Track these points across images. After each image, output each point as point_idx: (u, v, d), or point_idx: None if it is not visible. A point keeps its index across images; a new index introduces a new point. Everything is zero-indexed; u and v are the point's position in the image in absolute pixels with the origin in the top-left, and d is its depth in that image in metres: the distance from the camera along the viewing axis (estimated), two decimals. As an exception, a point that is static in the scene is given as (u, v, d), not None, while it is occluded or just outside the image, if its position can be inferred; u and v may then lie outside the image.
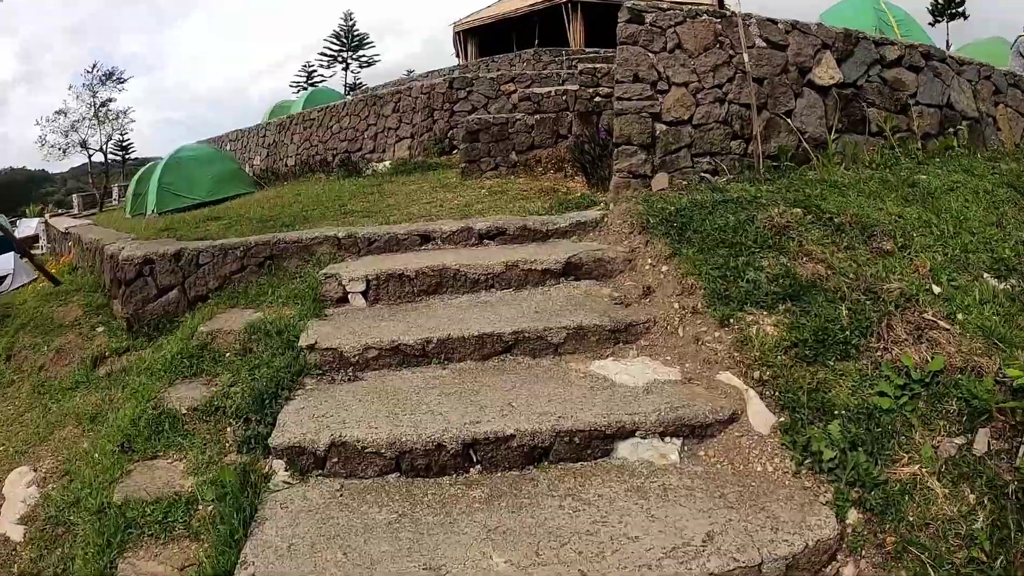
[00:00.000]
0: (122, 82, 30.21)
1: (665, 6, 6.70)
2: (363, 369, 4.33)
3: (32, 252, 26.74)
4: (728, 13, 7.05)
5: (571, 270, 5.16)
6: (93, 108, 28.51)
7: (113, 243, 8.73)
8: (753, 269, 4.54)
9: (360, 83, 48.74)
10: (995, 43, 16.50)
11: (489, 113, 13.44)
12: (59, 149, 29.00)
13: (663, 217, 5.32)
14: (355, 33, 50.90)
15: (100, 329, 7.75)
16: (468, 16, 29.58)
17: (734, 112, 6.83)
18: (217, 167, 16.51)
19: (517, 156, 10.08)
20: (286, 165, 18.59)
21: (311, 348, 4.44)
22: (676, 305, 4.56)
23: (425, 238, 6.00)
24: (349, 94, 38.54)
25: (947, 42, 32.40)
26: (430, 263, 5.15)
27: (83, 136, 28.54)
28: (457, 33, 29.84)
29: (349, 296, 5.22)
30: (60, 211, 40.06)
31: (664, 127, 6.43)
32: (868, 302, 4.16)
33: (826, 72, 7.48)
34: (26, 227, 36.09)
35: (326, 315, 5.08)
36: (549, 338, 4.29)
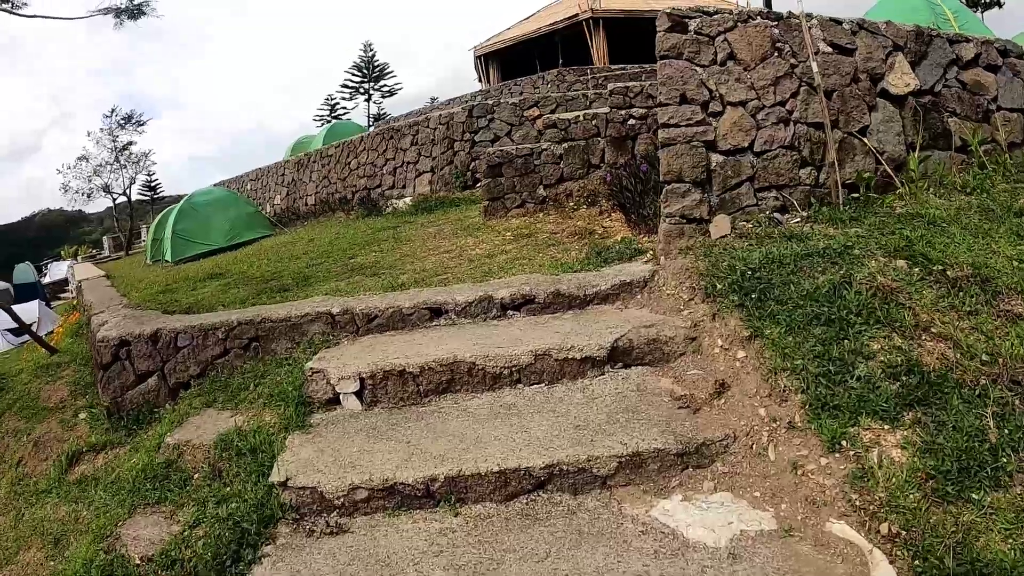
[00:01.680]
0: (141, 124, 29.91)
1: (711, 9, 5.59)
2: (350, 514, 3.26)
3: (61, 296, 26.46)
4: (785, 14, 5.93)
5: (618, 356, 4.05)
6: (114, 152, 28.21)
7: (100, 313, 7.86)
8: (863, 358, 3.39)
9: (384, 113, 48.27)
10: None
11: (512, 142, 12.42)
12: (83, 195, 28.77)
13: (733, 280, 4.19)
14: (376, 63, 50.53)
15: (83, 416, 6.89)
16: (489, 40, 28.71)
17: (801, 134, 5.68)
18: (233, 211, 15.77)
19: (545, 191, 9.02)
20: (306, 204, 17.81)
21: (284, 485, 3.40)
22: (762, 412, 3.41)
23: (436, 311, 4.93)
24: (372, 125, 38.01)
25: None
26: (439, 355, 4.07)
27: (105, 180, 28.25)
28: (478, 57, 28.97)
29: (340, 397, 4.18)
30: (93, 251, 40.14)
31: (720, 158, 5.29)
32: (1016, 400, 3.04)
33: (900, 79, 6.30)
34: (57, 271, 36.14)
35: (311, 425, 4.04)
36: (595, 470, 3.17)
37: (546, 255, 6.39)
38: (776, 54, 5.70)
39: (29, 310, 24.58)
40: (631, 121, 8.87)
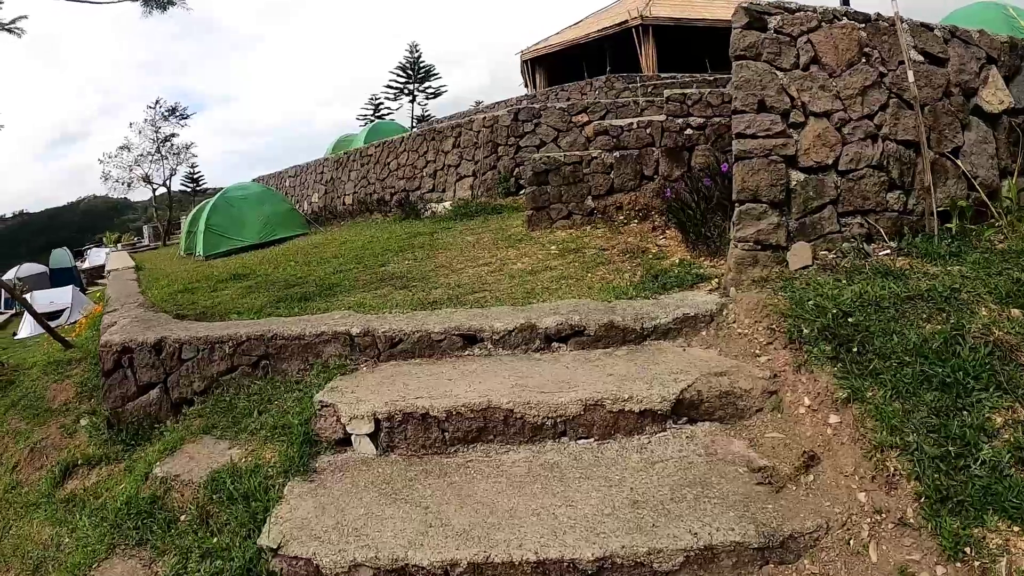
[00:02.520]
0: (185, 118, 29.82)
1: (792, 5, 4.90)
2: (351, 597, 2.64)
3: (98, 282, 26.51)
4: (873, 16, 5.22)
5: (683, 409, 3.37)
6: (156, 143, 28.13)
7: (112, 311, 7.40)
8: (986, 435, 2.70)
9: (428, 115, 47.80)
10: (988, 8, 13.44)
11: (559, 148, 11.77)
12: (123, 184, 28.76)
13: (823, 324, 3.48)
14: (421, 65, 49.99)
15: (83, 423, 6.41)
16: (536, 44, 28.06)
17: (890, 152, 4.96)
18: (268, 208, 15.36)
19: (594, 202, 8.35)
20: (343, 203, 17.36)
21: (275, 552, 2.79)
22: (862, 499, 2.72)
23: (469, 339, 4.29)
24: (415, 126, 37.66)
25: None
26: (470, 398, 3.43)
27: (146, 171, 28.18)
28: (525, 62, 28.33)
29: (352, 439, 3.57)
30: (135, 239, 40.31)
31: (801, 176, 4.58)
32: None
33: (994, 95, 5.56)
34: (96, 257, 36.34)
35: (315, 470, 3.44)
36: (656, 565, 2.50)
37: (595, 275, 5.73)
38: (864, 60, 4.99)
39: (62, 295, 24.66)
40: (688, 131, 8.16)
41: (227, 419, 4.42)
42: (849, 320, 3.46)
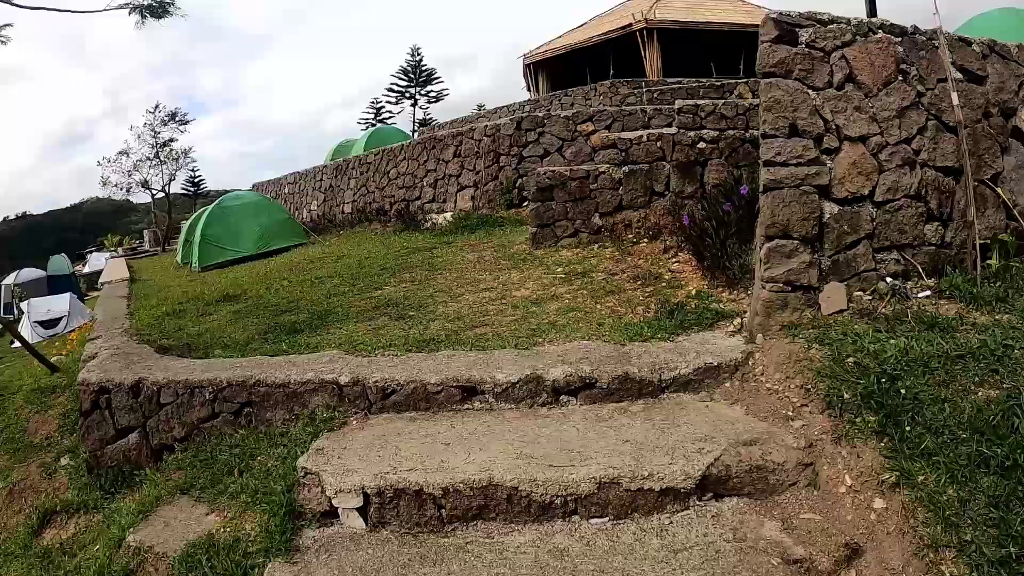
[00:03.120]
0: (185, 123, 29.49)
1: (825, 17, 4.51)
2: None
3: (98, 288, 26.25)
4: (910, 29, 4.84)
5: (709, 484, 3.01)
6: (155, 148, 27.81)
7: (95, 338, 7.05)
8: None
9: (430, 119, 47.34)
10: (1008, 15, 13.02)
11: (564, 159, 11.40)
12: (121, 189, 28.46)
13: (866, 388, 3.11)
14: (422, 68, 49.56)
15: (64, 462, 6.11)
16: (538, 47, 27.57)
17: (928, 180, 4.58)
18: (265, 217, 15.01)
19: (601, 219, 7.99)
20: (343, 212, 17.00)
21: (246, 665, 2.43)
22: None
23: (469, 391, 3.92)
24: (417, 131, 37.28)
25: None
26: (469, 474, 3.06)
27: (144, 176, 27.87)
28: (527, 66, 27.85)
29: (339, 511, 3.21)
30: (136, 242, 39.97)
31: (835, 208, 4.20)
32: None
33: (1033, 114, 5.22)
34: (96, 261, 36.05)
35: (299, 549, 3.08)
36: None
37: (605, 306, 5.37)
38: (901, 78, 4.61)
39: (60, 303, 24.38)
40: (701, 144, 7.80)
41: (207, 475, 4.06)
42: (894, 383, 3.09)
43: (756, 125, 7.73)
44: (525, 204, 11.44)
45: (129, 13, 8.81)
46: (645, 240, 7.55)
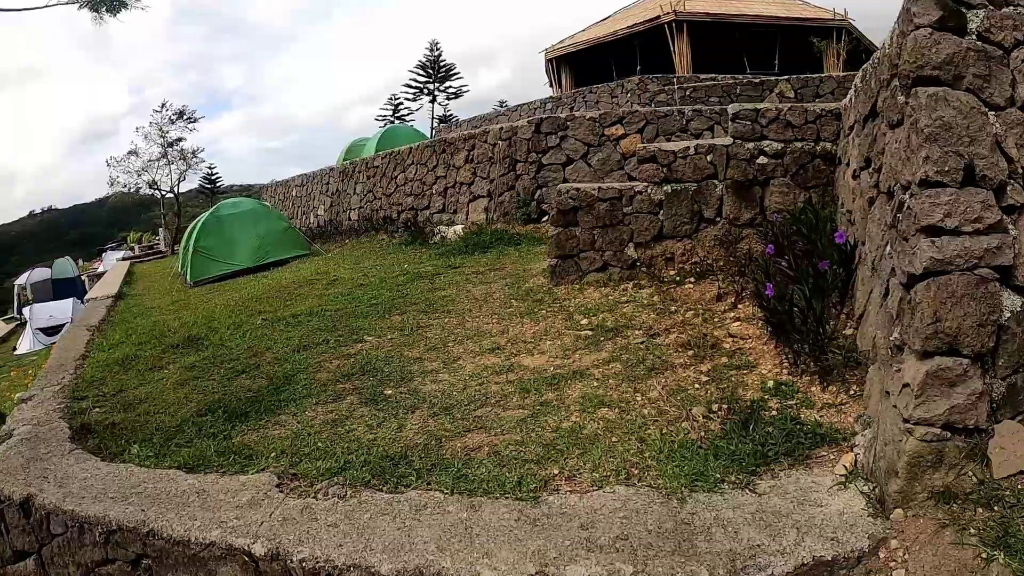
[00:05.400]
0: (193, 121, 28.29)
1: None
2: None
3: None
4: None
5: None
6: (163, 147, 26.67)
7: (24, 401, 5.69)
8: None
9: (450, 115, 45.74)
10: None
11: (589, 166, 9.92)
12: (130, 189, 27.40)
13: None
14: (442, 63, 47.85)
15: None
16: (561, 42, 25.91)
17: None
18: (263, 227, 13.71)
19: (636, 251, 6.50)
20: (349, 219, 15.69)
21: None
22: None
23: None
24: (436, 128, 35.84)
25: None
26: None
27: (153, 176, 26.75)
28: (550, 61, 26.24)
29: None
30: (155, 239, 39.06)
31: (1018, 303, 2.67)
32: None
33: None
34: (110, 260, 35.21)
35: None
36: None
37: (648, 399, 3.89)
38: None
39: (62, 309, 23.52)
40: (761, 159, 6.28)
41: None
42: None
43: (829, 136, 6.24)
44: (544, 219, 9.99)
45: (80, 8, 7.51)
46: (691, 280, 6.06)
